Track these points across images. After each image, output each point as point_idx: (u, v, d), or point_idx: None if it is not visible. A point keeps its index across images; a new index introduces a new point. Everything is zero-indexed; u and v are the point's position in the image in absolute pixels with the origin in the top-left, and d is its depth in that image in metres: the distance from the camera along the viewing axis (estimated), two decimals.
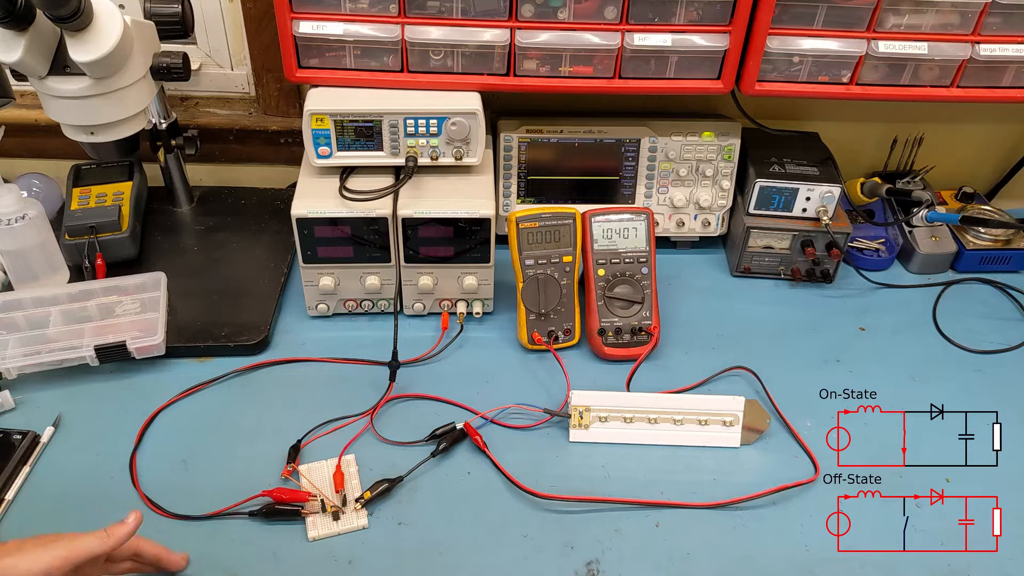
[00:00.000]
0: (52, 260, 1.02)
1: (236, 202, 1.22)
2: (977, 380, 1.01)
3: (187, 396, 0.93)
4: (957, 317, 1.09)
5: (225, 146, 1.22)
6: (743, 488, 0.85)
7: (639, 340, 1.00)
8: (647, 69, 0.99)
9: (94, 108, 0.89)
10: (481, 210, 0.96)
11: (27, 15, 0.78)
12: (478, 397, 0.94)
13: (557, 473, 0.87)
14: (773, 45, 0.97)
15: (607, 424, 0.91)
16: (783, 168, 1.10)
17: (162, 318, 0.98)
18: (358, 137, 0.97)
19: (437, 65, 0.98)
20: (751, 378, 0.99)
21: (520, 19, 0.94)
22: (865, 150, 1.25)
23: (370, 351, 0.99)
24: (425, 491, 0.84)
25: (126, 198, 1.11)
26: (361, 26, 0.94)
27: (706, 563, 0.79)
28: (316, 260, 0.99)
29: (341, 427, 0.90)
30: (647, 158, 1.12)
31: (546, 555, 0.79)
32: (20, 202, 0.97)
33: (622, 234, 1.01)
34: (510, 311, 1.05)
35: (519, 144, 1.10)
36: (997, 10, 0.96)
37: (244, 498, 0.81)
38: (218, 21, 1.15)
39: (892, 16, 0.97)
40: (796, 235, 1.11)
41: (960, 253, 1.16)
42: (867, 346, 1.05)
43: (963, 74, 1.01)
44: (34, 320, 0.96)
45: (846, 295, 1.13)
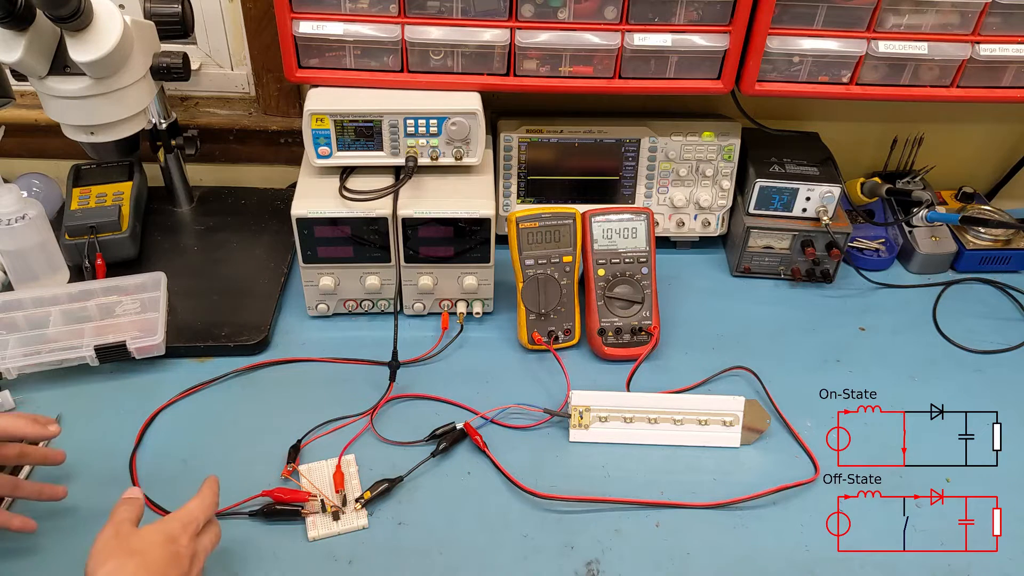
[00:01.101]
0: (52, 260, 1.02)
1: (236, 202, 1.22)
2: (977, 380, 1.01)
3: (187, 396, 0.93)
4: (957, 317, 1.09)
5: (225, 146, 1.22)
6: (743, 488, 0.85)
7: (639, 340, 1.00)
8: (647, 69, 0.99)
9: (94, 108, 0.89)
10: (481, 210, 0.96)
11: (27, 15, 0.78)
12: (478, 397, 0.94)
13: (557, 473, 0.87)
14: (773, 45, 0.97)
15: (607, 424, 0.91)
16: (783, 168, 1.10)
17: (162, 318, 0.98)
18: (358, 137, 0.97)
19: (437, 65, 0.98)
20: (751, 378, 0.99)
21: (520, 19, 0.94)
22: (865, 150, 1.25)
23: (370, 351, 0.99)
24: (425, 491, 0.84)
25: (126, 198, 1.11)
26: (361, 26, 0.94)
27: (706, 563, 0.79)
28: (316, 260, 0.99)
29: (341, 427, 0.90)
30: (647, 158, 1.12)
31: (546, 555, 0.79)
32: (20, 202, 0.97)
33: (622, 234, 1.01)
34: (510, 311, 1.05)
35: (519, 144, 1.10)
36: (997, 10, 0.96)
37: (244, 498, 0.81)
38: (218, 21, 1.15)
39: (892, 16, 0.97)
40: (796, 235, 1.11)
41: (960, 253, 1.16)
42: (867, 346, 1.05)
43: (963, 74, 1.01)
44: (34, 320, 0.96)
45: (846, 295, 1.13)
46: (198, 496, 0.72)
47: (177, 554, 0.65)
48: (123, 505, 0.70)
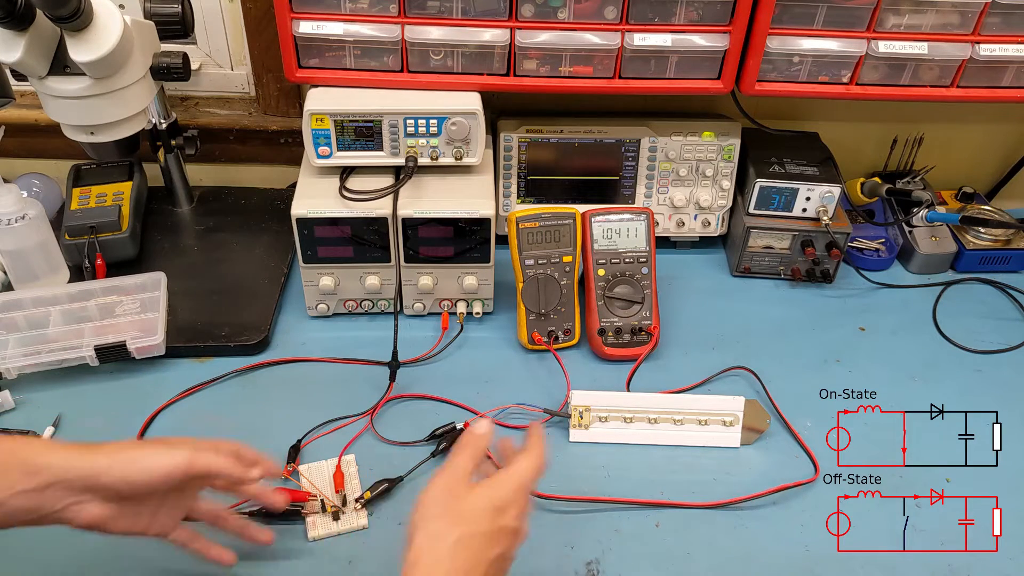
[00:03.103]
0: (52, 260, 1.02)
1: (236, 202, 1.22)
2: (977, 380, 1.01)
3: (187, 396, 0.93)
4: (957, 317, 1.09)
5: (225, 146, 1.22)
6: (743, 488, 0.85)
7: (639, 340, 1.00)
8: (647, 69, 0.99)
9: (94, 108, 0.89)
10: (481, 210, 0.96)
11: (27, 15, 0.78)
12: (478, 397, 0.94)
13: (557, 473, 0.86)
14: (773, 45, 0.97)
15: (607, 424, 0.91)
16: (783, 168, 1.10)
17: (162, 318, 0.98)
18: (358, 137, 0.97)
19: (437, 65, 0.98)
20: (751, 378, 0.99)
21: (520, 19, 0.94)
22: (865, 150, 1.25)
23: (370, 351, 0.99)
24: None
25: (126, 198, 1.11)
26: (361, 26, 0.94)
27: (706, 563, 0.79)
28: (316, 260, 0.99)
29: (341, 427, 0.90)
30: (647, 158, 1.12)
31: (546, 555, 0.79)
32: (20, 202, 0.97)
33: (622, 234, 1.01)
34: (510, 311, 1.05)
35: (519, 144, 1.10)
36: (997, 10, 0.96)
37: (244, 498, 0.81)
38: (218, 21, 1.15)
39: (892, 16, 0.97)
40: (796, 235, 1.11)
41: (960, 253, 1.16)
42: (867, 346, 1.05)
43: (963, 74, 1.01)
44: (34, 320, 0.96)
45: (846, 295, 1.13)
46: (527, 453, 0.64)
47: (501, 529, 0.60)
48: (465, 451, 0.63)
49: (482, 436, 0.65)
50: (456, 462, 0.63)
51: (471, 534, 0.59)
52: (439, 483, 0.61)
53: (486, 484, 0.62)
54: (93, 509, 0.62)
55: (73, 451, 0.62)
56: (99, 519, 0.62)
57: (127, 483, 0.62)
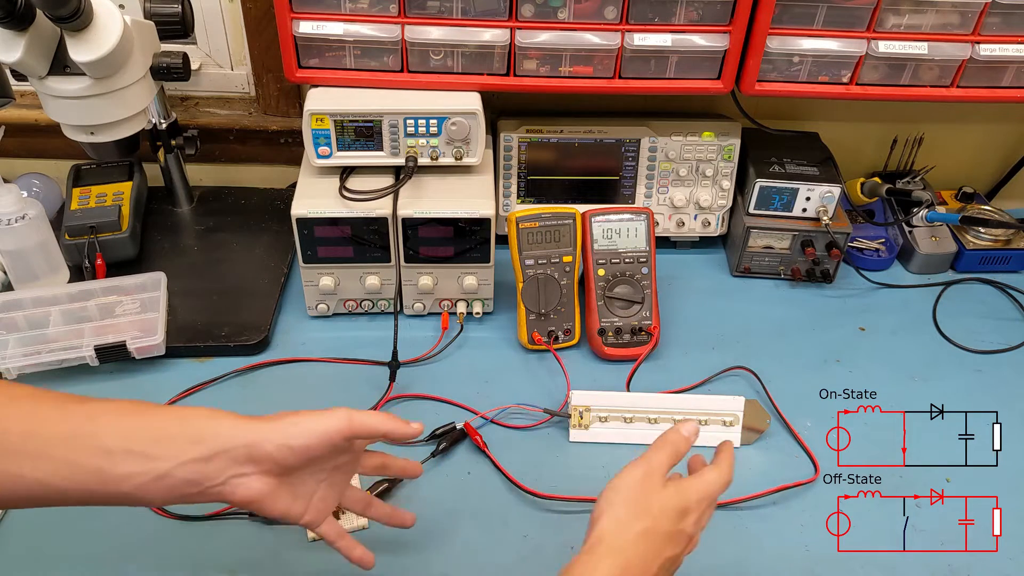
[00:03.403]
0: (52, 260, 1.02)
1: (236, 202, 1.22)
2: (977, 380, 1.01)
3: (187, 396, 0.93)
4: (957, 317, 1.09)
5: (225, 146, 1.22)
6: (743, 488, 0.85)
7: (639, 340, 1.00)
8: (647, 69, 0.99)
9: (94, 108, 0.89)
10: (481, 210, 0.96)
11: (27, 15, 0.78)
12: (478, 397, 0.94)
13: (557, 473, 0.87)
14: (773, 45, 0.97)
15: (607, 424, 0.91)
16: (783, 168, 1.10)
17: (162, 318, 0.98)
18: (358, 137, 0.97)
19: (437, 65, 0.98)
20: (751, 378, 0.99)
21: (520, 19, 0.94)
22: (865, 150, 1.25)
23: (370, 351, 0.99)
24: (425, 491, 0.84)
25: (126, 198, 1.11)
26: (361, 26, 0.94)
27: (706, 563, 0.79)
28: (316, 260, 0.99)
29: None
30: (647, 158, 1.12)
31: (546, 555, 0.79)
32: (20, 202, 0.97)
33: (622, 234, 1.01)
34: (510, 311, 1.05)
35: (519, 144, 1.10)
36: (997, 10, 0.96)
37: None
38: (218, 21, 1.15)
39: (892, 16, 0.97)
40: (796, 235, 1.11)
41: (960, 253, 1.16)
42: (867, 346, 1.05)
43: (963, 74, 1.01)
44: (34, 320, 0.96)
45: (846, 295, 1.13)
46: (717, 467, 0.65)
47: (680, 532, 0.61)
48: (665, 448, 0.64)
49: (686, 439, 0.65)
50: (654, 457, 0.63)
51: (654, 529, 0.60)
52: (635, 473, 0.62)
53: (676, 486, 0.63)
54: (253, 483, 0.60)
55: (236, 419, 0.61)
56: (258, 494, 0.61)
57: (289, 448, 0.61)
